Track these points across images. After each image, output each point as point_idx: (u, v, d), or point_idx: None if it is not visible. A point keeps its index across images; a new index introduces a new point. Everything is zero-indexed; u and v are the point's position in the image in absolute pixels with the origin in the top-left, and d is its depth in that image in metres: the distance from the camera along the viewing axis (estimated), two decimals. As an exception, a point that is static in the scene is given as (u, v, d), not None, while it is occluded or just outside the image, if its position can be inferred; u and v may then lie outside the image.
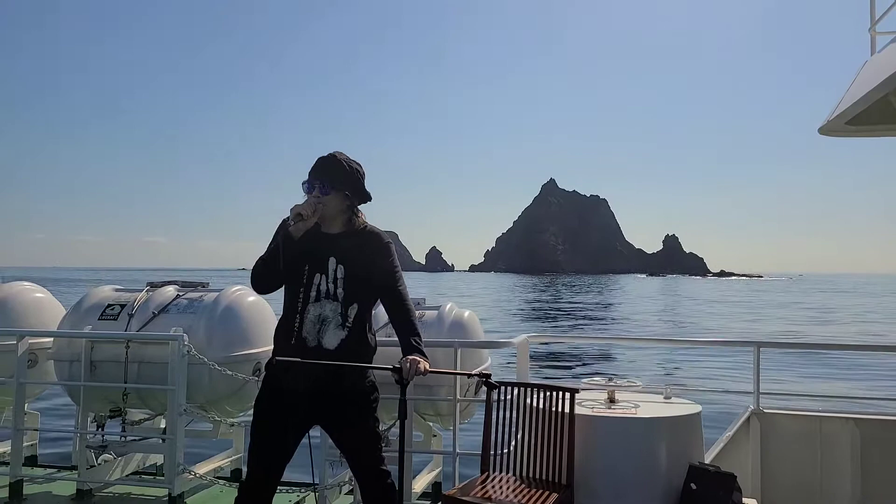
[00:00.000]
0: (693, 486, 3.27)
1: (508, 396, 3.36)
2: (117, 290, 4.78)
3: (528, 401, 3.38)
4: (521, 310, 44.18)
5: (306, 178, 2.76)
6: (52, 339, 4.58)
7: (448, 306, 4.36)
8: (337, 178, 2.74)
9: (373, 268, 2.77)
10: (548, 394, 3.31)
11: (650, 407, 3.53)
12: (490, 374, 2.74)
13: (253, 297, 4.58)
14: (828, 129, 3.92)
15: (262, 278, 2.74)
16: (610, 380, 3.77)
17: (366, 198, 2.85)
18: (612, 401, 3.61)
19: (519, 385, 3.43)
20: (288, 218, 2.69)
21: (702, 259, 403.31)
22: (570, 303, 54.57)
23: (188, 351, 4.09)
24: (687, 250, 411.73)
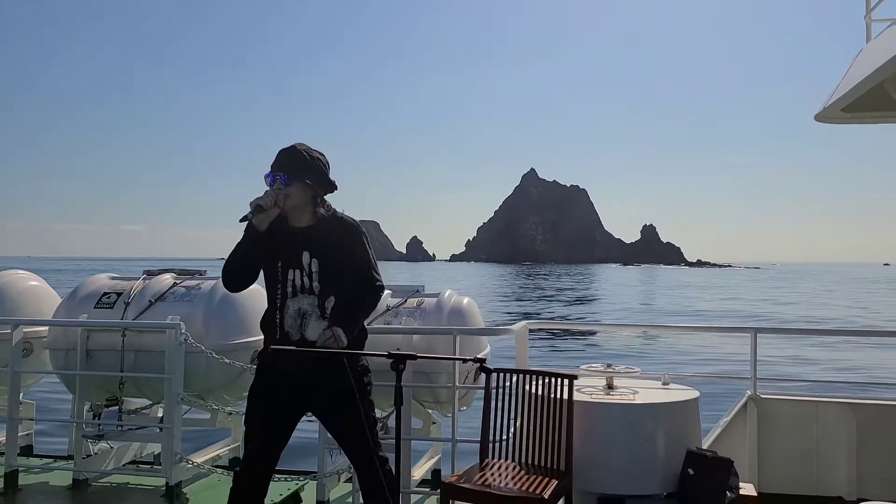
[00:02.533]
0: (691, 471, 3.29)
1: (507, 383, 3.36)
2: (113, 278, 4.74)
3: (527, 388, 3.38)
4: (504, 300, 44.56)
5: (268, 171, 2.72)
6: (47, 327, 4.55)
7: (447, 293, 4.35)
8: (299, 169, 2.69)
9: (348, 258, 2.76)
10: (546, 380, 3.32)
11: (648, 393, 3.54)
12: (485, 359, 2.74)
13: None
14: (824, 116, 3.92)
15: (234, 276, 2.75)
16: (608, 366, 3.78)
17: (330, 187, 2.79)
18: (610, 387, 3.62)
19: (517, 372, 3.43)
20: (247, 215, 2.63)
21: (679, 248, 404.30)
22: (555, 291, 55.05)
23: (185, 339, 4.07)
24: (664, 240, 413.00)
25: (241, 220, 2.64)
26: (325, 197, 2.80)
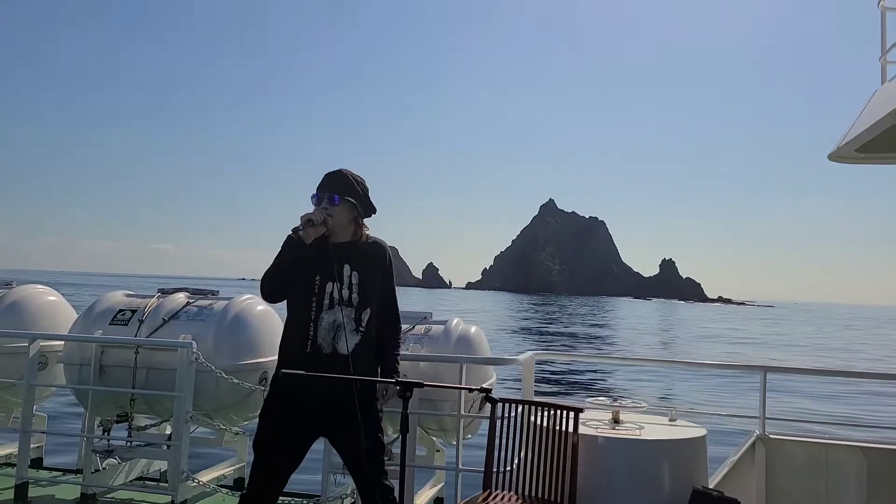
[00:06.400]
0: (696, 510, 3.26)
1: (512, 414, 3.36)
2: (129, 295, 4.83)
3: (532, 419, 3.38)
4: (518, 331, 45.12)
5: (314, 192, 2.85)
6: (62, 342, 4.63)
7: (455, 321, 4.38)
8: (344, 190, 2.85)
9: (380, 277, 2.90)
10: (552, 412, 3.31)
11: (655, 429, 3.52)
12: (491, 389, 2.76)
13: (262, 306, 4.62)
14: (838, 156, 3.94)
15: (275, 285, 2.79)
16: (615, 400, 3.77)
17: (371, 210, 2.95)
18: (616, 421, 3.60)
19: (523, 402, 3.44)
20: (297, 228, 2.75)
21: (699, 284, 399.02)
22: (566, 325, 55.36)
23: (196, 358, 4.12)
24: (684, 275, 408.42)
25: (294, 231, 2.74)
26: (363, 221, 2.94)
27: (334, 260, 2.79)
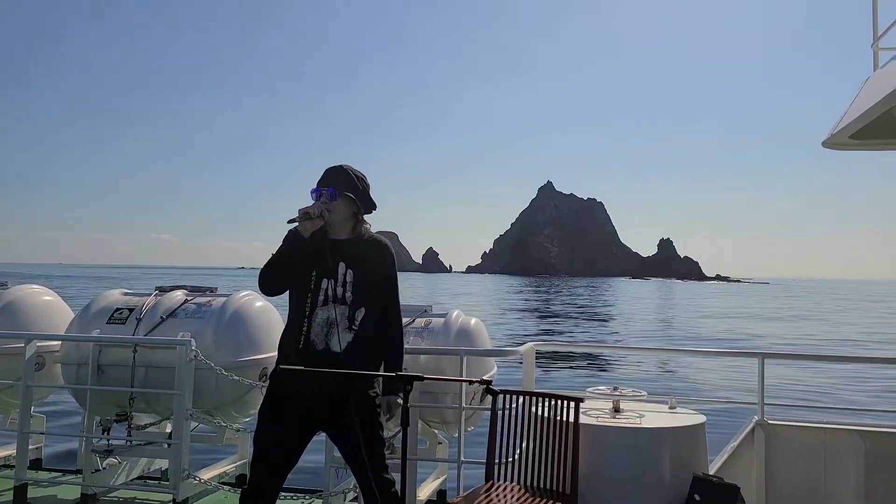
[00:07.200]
0: (697, 497, 3.28)
1: (513, 405, 3.37)
2: (126, 293, 4.80)
3: (534, 409, 3.39)
4: (517, 310, 45.98)
5: (314, 186, 2.84)
6: (59, 342, 4.61)
7: (455, 314, 4.38)
8: (344, 186, 2.84)
9: (378, 275, 2.87)
10: (553, 402, 3.33)
11: (655, 417, 3.54)
12: (491, 381, 2.77)
13: (261, 302, 4.61)
14: (831, 143, 3.95)
15: (272, 279, 2.79)
16: (615, 389, 3.78)
17: (371, 207, 2.94)
18: (616, 410, 3.63)
19: (524, 393, 3.45)
20: (293, 220, 2.74)
21: (696, 263, 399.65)
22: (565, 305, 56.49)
23: (195, 356, 4.11)
24: (682, 254, 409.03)
25: (289, 223, 2.74)
26: (364, 217, 2.93)
27: (330, 256, 2.79)
